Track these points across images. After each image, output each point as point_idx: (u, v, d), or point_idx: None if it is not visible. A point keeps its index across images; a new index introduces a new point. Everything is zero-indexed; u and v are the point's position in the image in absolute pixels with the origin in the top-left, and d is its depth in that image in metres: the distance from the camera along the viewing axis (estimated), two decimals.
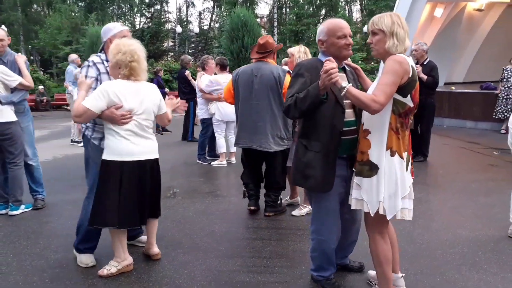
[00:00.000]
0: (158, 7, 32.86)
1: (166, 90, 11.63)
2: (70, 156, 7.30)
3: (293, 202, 4.21)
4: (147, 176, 2.82)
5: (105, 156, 2.77)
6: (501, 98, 8.76)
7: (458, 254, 3.14)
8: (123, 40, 2.77)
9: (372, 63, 23.74)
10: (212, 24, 36.64)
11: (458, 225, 3.74)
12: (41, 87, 18.37)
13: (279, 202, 4.11)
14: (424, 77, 5.89)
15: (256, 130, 3.84)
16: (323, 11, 34.37)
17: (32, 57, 27.74)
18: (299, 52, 3.92)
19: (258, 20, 25.42)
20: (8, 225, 3.86)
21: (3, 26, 19.49)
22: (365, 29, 25.14)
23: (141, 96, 2.75)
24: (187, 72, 7.94)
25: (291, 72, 4.01)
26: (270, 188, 4.05)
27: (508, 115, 8.57)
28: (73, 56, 9.01)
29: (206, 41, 34.02)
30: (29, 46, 27.93)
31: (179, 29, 27.58)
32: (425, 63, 6.20)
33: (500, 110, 8.75)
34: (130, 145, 2.72)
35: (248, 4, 29.85)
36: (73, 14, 25.50)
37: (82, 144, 7.92)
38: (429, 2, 10.84)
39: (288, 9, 34.56)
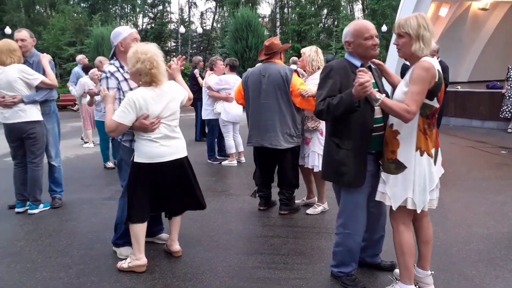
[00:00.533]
0: (160, 7, 32.91)
1: None
2: (81, 156, 7.37)
3: (310, 202, 4.26)
4: (177, 174, 2.93)
5: (136, 159, 2.87)
6: (507, 97, 8.80)
7: (473, 251, 3.20)
8: (140, 47, 2.75)
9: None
10: (214, 24, 36.69)
11: (472, 223, 3.79)
12: None
13: (293, 200, 4.17)
14: None
15: (267, 129, 3.92)
16: (325, 11, 34.40)
17: None
18: (311, 51, 3.98)
19: (260, 20, 25.44)
20: (29, 224, 3.93)
21: (6, 29, 19.62)
22: None
23: (166, 100, 2.82)
24: (196, 71, 7.99)
25: (298, 70, 4.09)
26: (282, 186, 4.12)
27: None
28: (79, 57, 9.08)
29: (209, 41, 34.07)
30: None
31: (182, 29, 27.61)
32: None
33: (507, 109, 8.79)
34: (160, 148, 2.83)
35: (250, 4, 29.87)
36: (76, 15, 25.53)
37: (87, 144, 8.08)
38: (434, 1, 10.89)
39: (290, 9, 34.60)
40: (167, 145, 2.85)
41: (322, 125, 3.87)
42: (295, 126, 3.92)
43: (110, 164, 6.27)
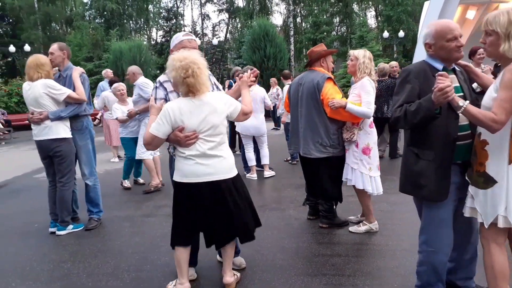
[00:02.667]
0: (174, 21, 33.28)
1: None
2: (111, 171, 7.26)
3: (362, 219, 3.99)
4: (215, 198, 2.58)
5: (174, 177, 2.67)
6: None
7: None
8: (177, 54, 2.52)
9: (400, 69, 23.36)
10: (227, 35, 36.90)
11: None
12: None
13: (333, 213, 3.98)
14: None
15: (301, 136, 3.92)
16: (337, 19, 34.33)
17: None
18: (364, 57, 3.69)
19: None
20: (72, 244, 3.78)
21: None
22: (385, 34, 24.97)
23: (204, 113, 2.52)
24: (227, 82, 7.97)
25: (332, 78, 3.86)
26: (320, 197, 4.00)
27: None
28: (104, 71, 9.10)
29: (223, 53, 34.22)
30: None
31: (198, 41, 27.86)
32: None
33: None
34: (196, 166, 2.54)
35: (263, 15, 29.96)
36: (91, 31, 25.90)
37: (113, 159, 7.97)
38: (461, 4, 10.61)
39: (302, 18, 34.62)
40: (204, 164, 2.54)
41: (358, 136, 3.67)
42: (328, 135, 3.75)
43: (127, 183, 5.93)
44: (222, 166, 2.59)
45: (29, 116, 3.93)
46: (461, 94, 2.24)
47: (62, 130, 3.96)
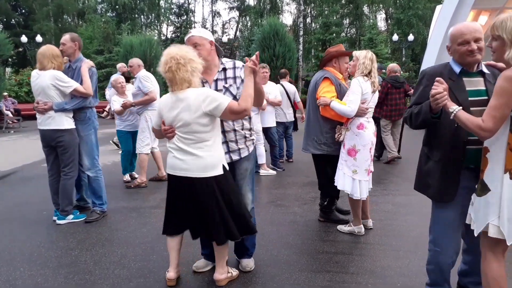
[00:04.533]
0: (185, 17, 33.37)
1: None
2: (118, 163, 7.30)
3: (363, 223, 3.97)
4: (193, 195, 2.58)
5: None
6: None
7: None
8: (167, 49, 2.54)
9: (407, 73, 23.30)
10: (237, 33, 36.93)
11: None
12: None
13: (330, 210, 4.08)
14: None
15: (304, 133, 4.08)
16: (347, 21, 34.22)
17: None
18: (365, 58, 3.67)
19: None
20: (79, 232, 3.84)
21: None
22: (394, 37, 24.85)
23: (177, 110, 2.50)
24: None
25: (330, 77, 3.85)
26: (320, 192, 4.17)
27: None
28: (119, 65, 9.14)
29: (232, 50, 34.26)
30: None
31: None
32: None
33: None
34: (173, 160, 2.60)
35: (273, 14, 29.94)
36: (103, 24, 26.06)
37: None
38: (473, 9, 10.58)
39: (312, 18, 34.54)
40: (180, 159, 2.55)
41: (345, 137, 3.68)
42: (322, 133, 3.86)
43: (127, 177, 5.92)
44: (196, 164, 2.53)
45: (35, 105, 3.98)
46: (485, 98, 2.18)
47: (65, 121, 3.99)
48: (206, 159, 2.53)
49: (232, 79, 2.77)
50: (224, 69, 2.79)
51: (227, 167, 2.68)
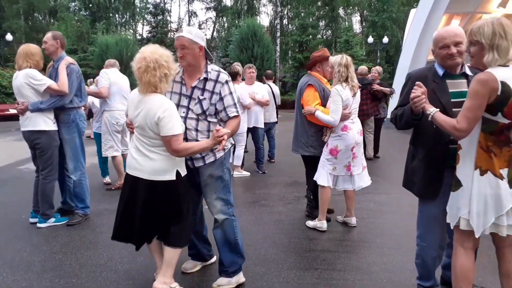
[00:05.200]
0: (161, 16, 32.97)
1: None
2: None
3: (346, 220, 4.05)
4: (148, 196, 2.49)
5: None
6: None
7: None
8: (144, 47, 2.49)
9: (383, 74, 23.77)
10: (214, 33, 36.83)
11: None
12: None
13: (313, 206, 4.23)
14: None
15: (293, 134, 4.25)
16: (323, 23, 34.72)
17: None
18: (339, 66, 3.73)
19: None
20: (62, 235, 3.76)
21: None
22: (369, 40, 25.39)
23: (138, 110, 2.45)
24: None
25: (314, 84, 3.97)
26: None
27: None
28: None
29: (209, 51, 34.13)
30: None
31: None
32: None
33: None
34: (131, 158, 2.54)
35: (250, 15, 30.02)
36: (76, 23, 25.45)
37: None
38: (446, 13, 10.95)
39: (288, 20, 34.86)
40: (135, 158, 2.50)
41: (329, 138, 3.85)
42: (308, 136, 4.05)
43: (107, 179, 5.80)
44: (147, 166, 2.47)
45: (15, 106, 3.90)
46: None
47: (42, 122, 3.83)
48: (158, 162, 2.47)
49: (209, 93, 2.58)
50: (206, 79, 2.60)
51: (183, 173, 2.57)
